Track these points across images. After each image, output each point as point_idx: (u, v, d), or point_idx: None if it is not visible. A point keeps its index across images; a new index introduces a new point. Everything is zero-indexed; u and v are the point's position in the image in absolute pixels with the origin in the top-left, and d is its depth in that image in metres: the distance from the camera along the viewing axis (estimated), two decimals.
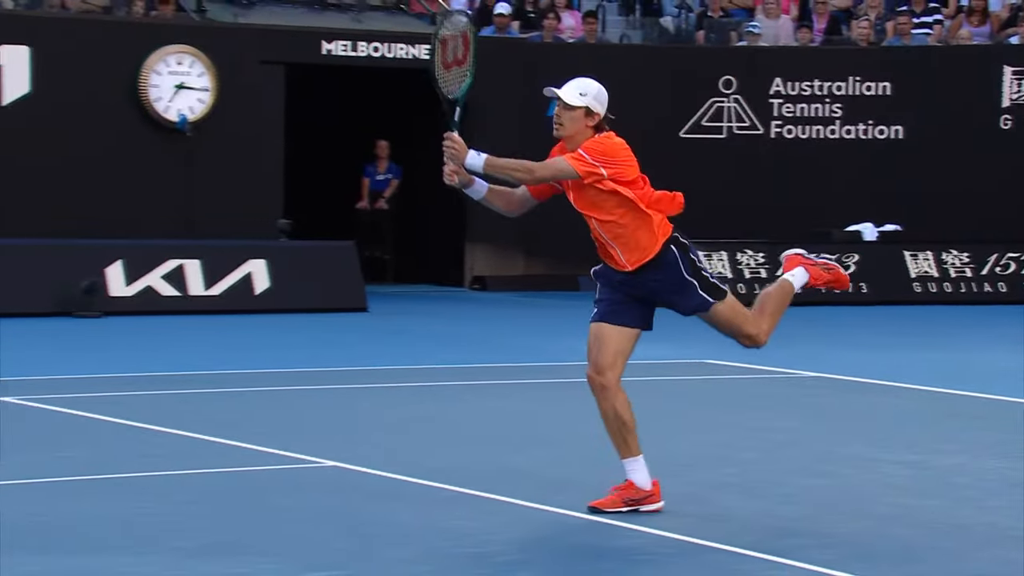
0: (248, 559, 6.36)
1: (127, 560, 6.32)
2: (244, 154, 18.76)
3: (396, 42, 19.68)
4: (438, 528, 7.06)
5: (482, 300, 19.40)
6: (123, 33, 18.58)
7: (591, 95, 7.21)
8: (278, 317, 16.55)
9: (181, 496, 7.62)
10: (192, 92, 18.50)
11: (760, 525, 7.16)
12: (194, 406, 10.74)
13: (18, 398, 10.58)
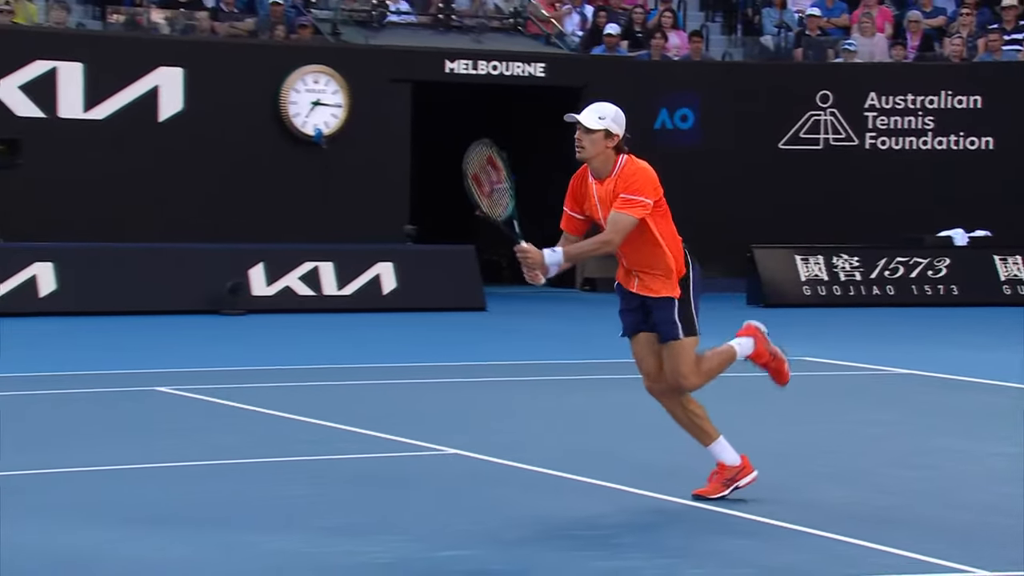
0: (383, 539, 6.41)
1: (270, 538, 6.39)
2: (374, 165, 18.91)
3: (513, 60, 19.71)
4: (554, 512, 7.06)
5: (592, 301, 19.36)
6: (266, 55, 18.81)
7: (609, 118, 7.11)
8: (404, 315, 16.65)
9: (319, 479, 7.69)
10: (327, 108, 18.69)
11: (856, 513, 7.08)
12: (329, 397, 10.84)
13: (171, 388, 10.75)
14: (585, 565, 6.09)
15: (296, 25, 19.40)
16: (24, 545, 6.22)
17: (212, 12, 19.16)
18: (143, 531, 6.46)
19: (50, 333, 14.32)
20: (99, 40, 18.34)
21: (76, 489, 7.40)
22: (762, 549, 6.44)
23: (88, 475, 7.74)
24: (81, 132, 17.61)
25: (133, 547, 6.20)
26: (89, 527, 6.54)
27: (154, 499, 7.17)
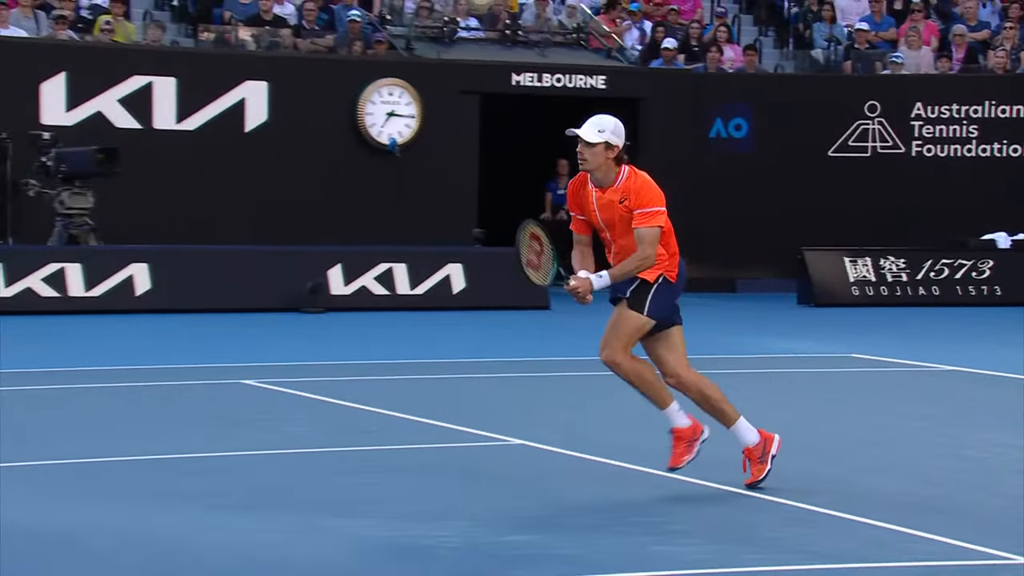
0: (452, 524, 6.42)
1: (348, 522, 6.42)
2: (444, 171, 18.95)
3: (576, 73, 19.69)
4: (613, 500, 7.04)
5: None
6: (344, 69, 18.91)
7: (608, 130, 7.04)
8: (472, 314, 16.67)
9: (392, 468, 7.72)
10: (401, 119, 18.76)
11: (902, 503, 7.01)
12: (402, 390, 10.87)
13: (255, 381, 10.83)
14: (643, 550, 6.07)
15: (372, 41, 19.48)
16: (119, 528, 6.29)
17: (295, 29, 19.28)
18: (229, 516, 6.51)
19: (145, 329, 14.47)
20: (191, 56, 18.51)
21: (167, 475, 7.47)
22: (813, 536, 6.39)
23: (178, 462, 7.81)
24: (174, 142, 17.78)
25: (220, 531, 6.25)
26: (178, 511, 6.60)
27: (240, 485, 7.22)
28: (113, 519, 6.42)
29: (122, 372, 11.39)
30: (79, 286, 15.55)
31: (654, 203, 6.98)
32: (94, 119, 17.38)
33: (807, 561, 5.96)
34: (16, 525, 6.27)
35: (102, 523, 6.35)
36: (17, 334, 13.55)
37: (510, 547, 6.05)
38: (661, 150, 20.12)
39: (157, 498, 6.87)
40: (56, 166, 16.11)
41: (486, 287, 17.30)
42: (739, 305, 18.76)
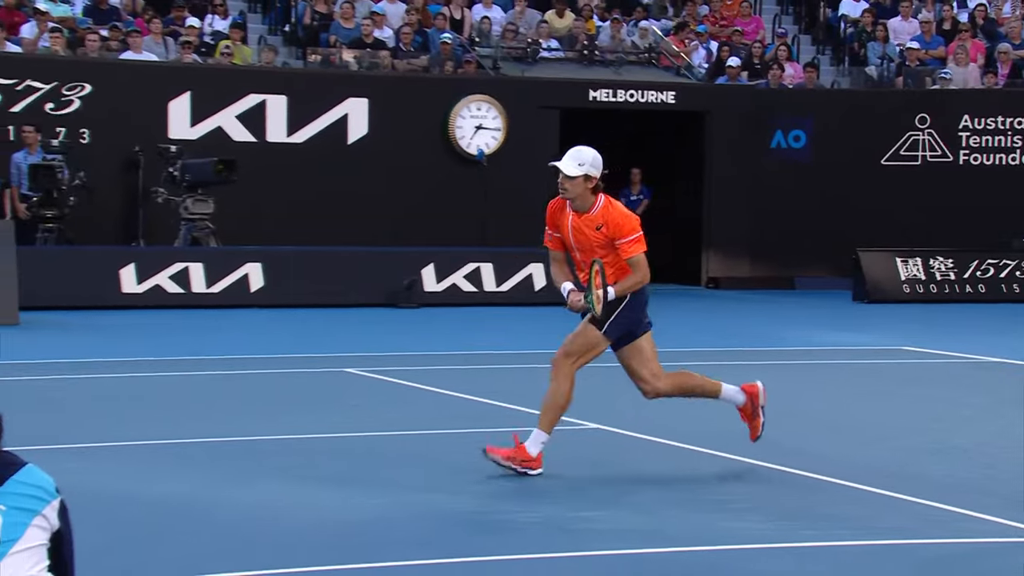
0: (532, 500, 6.40)
1: (438, 497, 6.42)
2: (527, 179, 18.91)
3: (648, 89, 19.57)
4: (681, 478, 6.98)
5: (716, 296, 19.16)
6: (437, 86, 18.96)
7: (588, 163, 6.94)
8: (552, 309, 16.60)
9: (477, 449, 7.70)
10: (488, 131, 18.77)
11: (952, 484, 6.88)
12: (488, 378, 10.86)
13: (357, 369, 10.88)
14: (711, 526, 6.00)
15: (462, 61, 19.51)
16: (233, 499, 6.34)
17: (392, 51, 19.37)
18: (327, 490, 6.53)
19: (258, 323, 14.61)
20: (300, 76, 18.67)
21: (281, 453, 7.51)
22: (867, 514, 6.28)
23: (287, 441, 7.86)
24: (284, 153, 17.94)
25: (317, 504, 6.27)
26: (284, 486, 6.63)
27: (340, 462, 7.25)
28: (228, 492, 6.47)
29: (238, 361, 11.50)
30: (201, 283, 15.73)
31: (633, 231, 6.94)
32: (215, 133, 17.58)
33: (862, 537, 5.86)
34: (136, 496, 6.34)
35: (218, 495, 6.40)
36: (146, 326, 13.75)
37: (586, 522, 6.01)
38: (725, 159, 19.98)
39: (267, 473, 6.92)
40: (181, 176, 16.32)
41: None
42: (798, 301, 18.55)
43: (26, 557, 2.95)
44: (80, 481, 6.11)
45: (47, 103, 16.77)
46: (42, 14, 17.84)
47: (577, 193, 6.95)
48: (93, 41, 17.52)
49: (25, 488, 2.99)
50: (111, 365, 10.98)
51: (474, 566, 5.35)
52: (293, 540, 5.64)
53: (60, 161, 16.07)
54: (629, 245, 6.91)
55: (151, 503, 6.23)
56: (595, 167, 6.95)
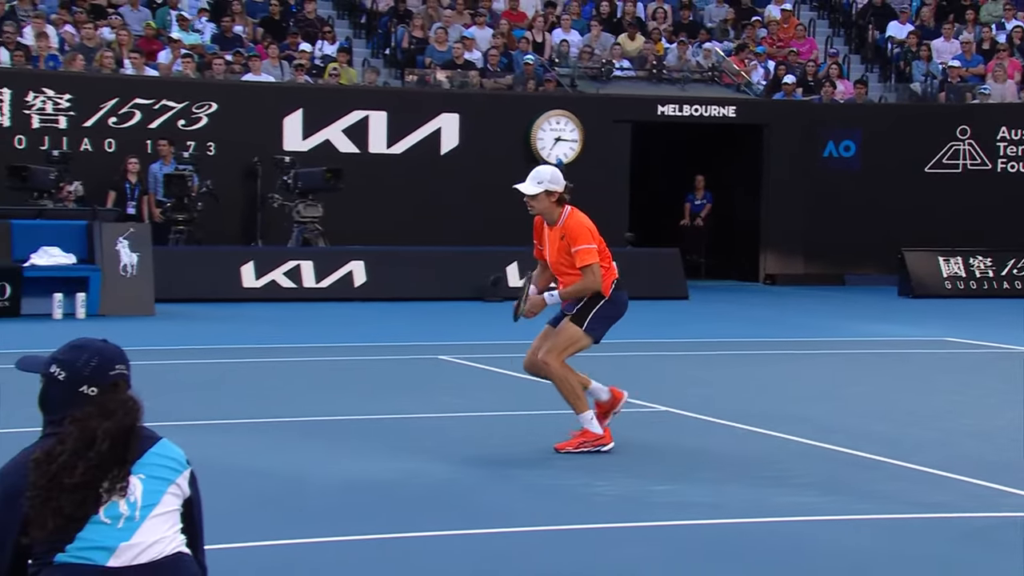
0: (609, 475, 6.38)
1: (524, 472, 6.41)
2: (601, 185, 18.83)
3: (711, 105, 19.39)
4: (742, 457, 6.90)
5: (773, 292, 18.93)
6: (520, 103, 18.94)
7: (546, 180, 6.83)
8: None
9: (560, 428, 7.68)
10: (566, 143, 18.72)
11: (991, 462, 6.73)
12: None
13: (450, 356, 10.91)
14: (770, 500, 5.93)
15: (543, 79, 19.48)
16: (342, 473, 6.39)
17: (481, 71, 19.40)
18: (432, 464, 6.56)
19: (361, 314, 14.72)
20: (398, 94, 18.76)
21: (386, 431, 7.56)
22: (915, 491, 6.17)
23: (389, 421, 7.91)
24: (385, 163, 18.05)
25: (427, 476, 6.30)
26: (389, 459, 6.67)
27: (439, 439, 7.26)
28: (336, 466, 6.52)
29: (344, 348, 11.60)
30: (311, 279, 15.88)
31: (584, 241, 6.81)
32: (323, 145, 17.73)
33: (910, 511, 5.75)
34: (255, 467, 6.42)
35: (329, 467, 6.46)
36: (263, 317, 13.92)
37: (656, 495, 5.98)
38: (781, 167, 19.73)
39: (373, 448, 6.96)
40: (294, 183, 16.49)
41: (635, 281, 17.01)
42: (848, 296, 18.27)
43: (163, 520, 3.00)
44: (207, 454, 6.20)
45: (179, 120, 17.05)
46: (175, 42, 18.13)
47: (541, 208, 6.88)
48: (219, 65, 17.76)
49: (161, 460, 3.04)
50: (234, 351, 11.14)
51: (553, 534, 5.34)
52: (394, 507, 5.68)
53: (190, 171, 16.32)
54: (580, 254, 6.80)
55: (268, 474, 6.30)
56: (553, 182, 6.85)
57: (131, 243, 13.55)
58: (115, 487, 2.92)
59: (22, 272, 12.89)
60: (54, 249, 13.20)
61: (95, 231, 13.47)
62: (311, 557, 4.95)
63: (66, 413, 2.97)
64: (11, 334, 11.35)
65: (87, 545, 2.91)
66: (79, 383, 2.99)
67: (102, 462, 2.92)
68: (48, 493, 2.87)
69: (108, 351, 3.05)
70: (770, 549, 5.13)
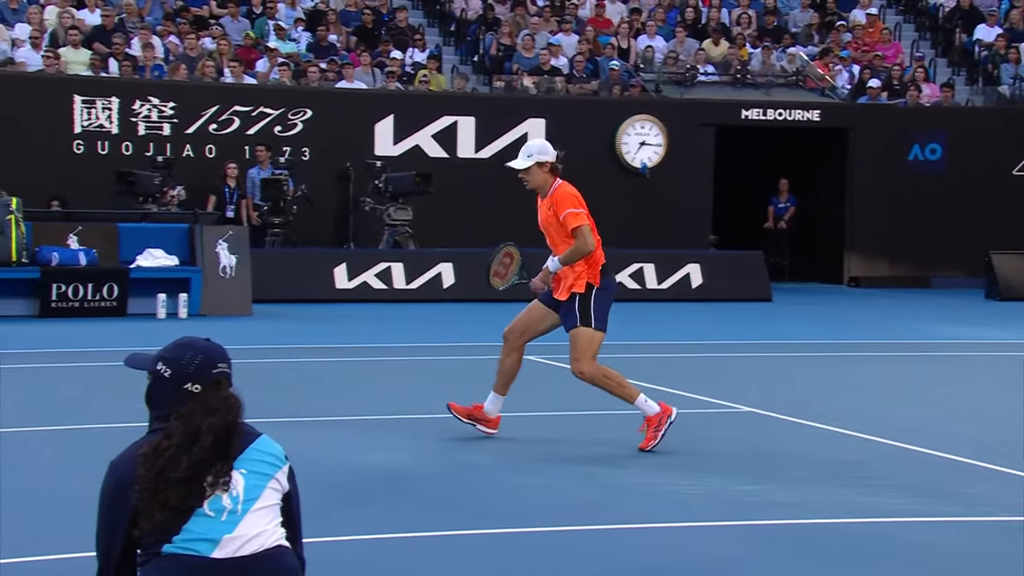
0: (694, 475, 6.34)
1: (610, 470, 6.39)
2: (685, 188, 18.74)
3: (795, 109, 19.15)
4: (827, 457, 6.80)
5: (857, 294, 18.62)
6: (605, 108, 18.91)
7: (535, 152, 6.84)
8: (707, 304, 16.42)
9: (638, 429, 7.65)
10: (650, 147, 18.63)
11: None
12: (650, 365, 10.77)
13: (535, 356, 10.89)
14: (856, 501, 5.84)
15: (628, 85, 19.41)
16: (433, 466, 6.43)
17: (567, 77, 19.40)
18: (517, 464, 6.57)
19: (450, 314, 14.79)
20: (486, 100, 18.84)
21: (469, 430, 7.58)
22: (1002, 493, 6.03)
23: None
24: (473, 167, 18.14)
25: (511, 475, 6.32)
26: (483, 457, 6.70)
27: (524, 439, 7.28)
28: (424, 462, 6.57)
29: (433, 348, 11.67)
30: (401, 280, 16.02)
31: (571, 206, 6.81)
32: (413, 150, 17.88)
33: (996, 513, 5.62)
34: (348, 463, 6.50)
35: (416, 466, 6.50)
36: (355, 316, 14.08)
37: (743, 495, 5.92)
38: (866, 170, 19.40)
39: (463, 446, 7.00)
40: (385, 187, 16.65)
41: (719, 283, 17.03)
42: (934, 299, 17.90)
43: (264, 514, 3.05)
44: (301, 449, 6.30)
45: (276, 126, 17.33)
46: (273, 51, 18.44)
47: (536, 181, 6.93)
48: (314, 73, 18.02)
49: (261, 455, 3.09)
50: (327, 350, 11.28)
51: (641, 531, 5.32)
52: (474, 506, 5.70)
53: (286, 175, 16.58)
54: (568, 218, 6.81)
55: (362, 469, 6.37)
56: (543, 153, 6.91)
57: (230, 245, 13.81)
58: (218, 481, 2.99)
59: (128, 273, 13.21)
60: (158, 251, 13.51)
61: (196, 234, 13.75)
62: (407, 551, 5.00)
63: (171, 409, 3.04)
64: (118, 332, 11.65)
65: (192, 537, 2.98)
66: (184, 380, 3.06)
67: (206, 457, 2.99)
68: (155, 486, 2.94)
69: (211, 350, 3.12)
70: (857, 549, 5.05)
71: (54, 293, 12.81)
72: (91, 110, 16.47)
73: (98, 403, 7.92)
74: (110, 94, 16.62)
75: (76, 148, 16.48)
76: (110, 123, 16.56)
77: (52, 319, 12.68)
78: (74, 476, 5.91)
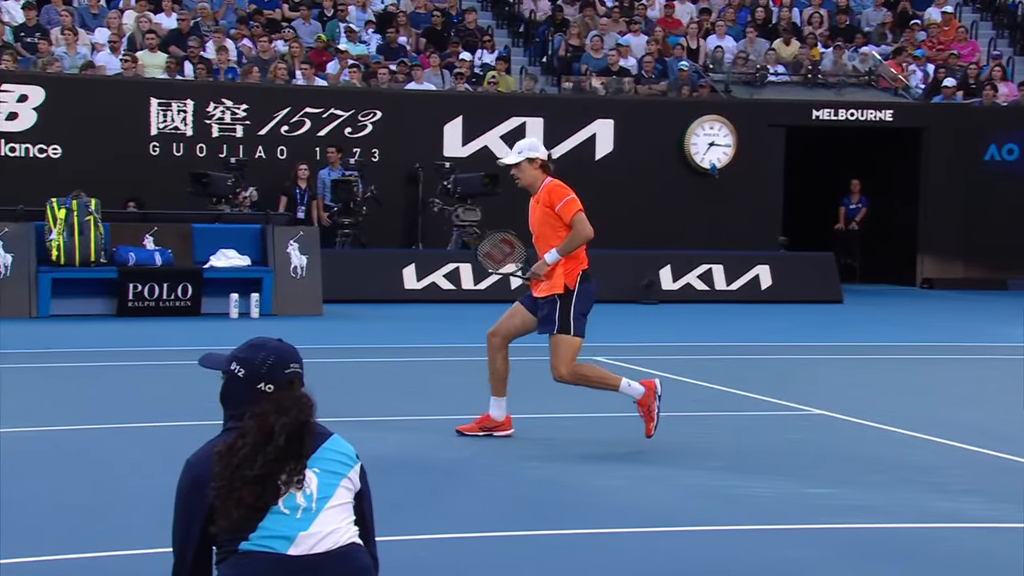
0: (766, 477, 6.24)
1: (681, 472, 6.33)
2: (755, 190, 18.54)
3: (867, 109, 18.86)
4: (903, 462, 6.67)
5: (930, 296, 18.28)
6: (674, 108, 18.78)
7: (525, 149, 6.84)
8: (777, 306, 16.22)
9: (706, 428, 7.57)
10: (719, 147, 18.46)
11: None
12: (722, 367, 10.67)
13: (604, 357, 10.86)
14: (933, 506, 5.71)
15: (697, 85, 19.26)
16: (497, 468, 6.41)
17: (635, 77, 19.30)
18: (586, 465, 6.53)
19: None
20: (555, 101, 18.82)
21: (537, 429, 7.56)
22: None
23: (548, 420, 7.90)
24: None
25: (579, 476, 6.28)
26: (542, 460, 6.67)
27: (593, 440, 7.24)
28: (490, 463, 6.55)
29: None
30: (469, 281, 16.05)
31: (564, 197, 6.81)
32: (482, 151, 17.91)
33: None
34: (415, 463, 6.50)
35: (481, 467, 6.49)
36: (424, 317, 14.12)
37: (817, 498, 5.82)
38: (941, 171, 19.03)
39: (525, 448, 6.97)
40: (454, 188, 16.69)
41: (789, 284, 16.82)
42: (1010, 301, 17.49)
43: (337, 512, 3.07)
44: (372, 449, 6.32)
45: (346, 128, 17.46)
46: (343, 53, 18.59)
47: (527, 178, 6.93)
48: (383, 74, 18.13)
49: (334, 455, 3.11)
50: (397, 350, 11.33)
51: (712, 534, 5.25)
52: (548, 505, 5.67)
53: (356, 177, 16.70)
54: (565, 207, 6.79)
55: (428, 469, 6.37)
56: (532, 150, 6.93)
57: (301, 246, 13.93)
58: (292, 479, 3.01)
59: (202, 273, 13.38)
60: (231, 251, 13.67)
61: (268, 234, 13.90)
62: (468, 552, 4.98)
63: (245, 408, 3.06)
64: (192, 332, 11.81)
65: (268, 534, 3.00)
66: (257, 380, 3.08)
67: (279, 456, 3.01)
68: (230, 484, 2.97)
69: (284, 350, 3.14)
70: (935, 556, 4.94)
71: (131, 293, 13.03)
72: (167, 112, 16.73)
73: (176, 401, 8.03)
74: (185, 97, 16.87)
75: (152, 150, 16.75)
76: (185, 125, 16.81)
77: (129, 318, 12.89)
78: (165, 473, 5.99)
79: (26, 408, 7.77)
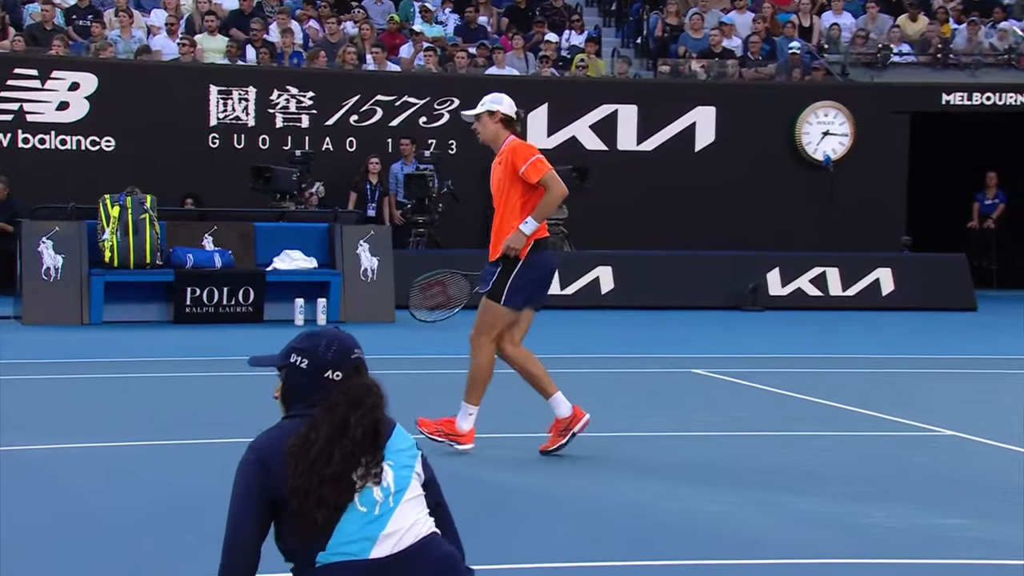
0: (887, 505, 6.13)
1: (793, 499, 6.26)
2: (874, 184, 18.29)
3: (1006, 92, 18.48)
4: None
5: None
6: (784, 94, 18.61)
7: (488, 102, 6.89)
8: (902, 314, 15.96)
9: (827, 452, 7.48)
10: (835, 137, 18.25)
11: None
12: (836, 381, 10.53)
13: (703, 370, 10.80)
14: None
15: (810, 68, 19.05)
16: (589, 492, 6.40)
17: (740, 60, 19.16)
18: (684, 488, 6.49)
19: (609, 323, 14.76)
20: (650, 86, 18.77)
21: (632, 448, 7.54)
22: None
23: (632, 439, 7.88)
24: (634, 161, 18.09)
25: (677, 501, 6.24)
26: (637, 482, 6.65)
27: (693, 461, 7.20)
28: (581, 485, 6.54)
29: (591, 359, 11.64)
30: (556, 285, 16.01)
31: (529, 156, 6.79)
32: (569, 142, 17.93)
33: None
34: (500, 484, 6.51)
35: (570, 488, 6.48)
36: None
37: (941, 529, 5.71)
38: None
39: (617, 467, 6.95)
40: None
41: (915, 289, 16.56)
42: None
43: (414, 504, 3.15)
44: (450, 465, 6.34)
45: (421, 117, 17.61)
46: (418, 35, 18.75)
47: (488, 133, 6.95)
48: (462, 58, 18.24)
49: (403, 444, 3.20)
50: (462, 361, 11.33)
51: (827, 567, 5.18)
52: (640, 532, 5.64)
53: (431, 171, 16.82)
54: (529, 169, 6.78)
55: (512, 491, 6.38)
56: (495, 103, 6.96)
57: (371, 246, 14.08)
58: (369, 473, 3.07)
59: (265, 276, 13.57)
60: (296, 252, 13.85)
61: (336, 234, 14.06)
62: None
63: (313, 399, 3.10)
64: (254, 340, 11.96)
65: (346, 539, 3.06)
66: (324, 368, 3.15)
67: (356, 449, 3.06)
68: (309, 485, 3.01)
69: (344, 337, 3.23)
70: None
71: (188, 297, 13.26)
72: (227, 101, 17.02)
73: (238, 415, 8.15)
74: (247, 84, 17.15)
75: (211, 142, 17.06)
76: (246, 115, 17.09)
77: (186, 325, 13.12)
78: (225, 492, 6.09)
79: (77, 422, 7.96)
